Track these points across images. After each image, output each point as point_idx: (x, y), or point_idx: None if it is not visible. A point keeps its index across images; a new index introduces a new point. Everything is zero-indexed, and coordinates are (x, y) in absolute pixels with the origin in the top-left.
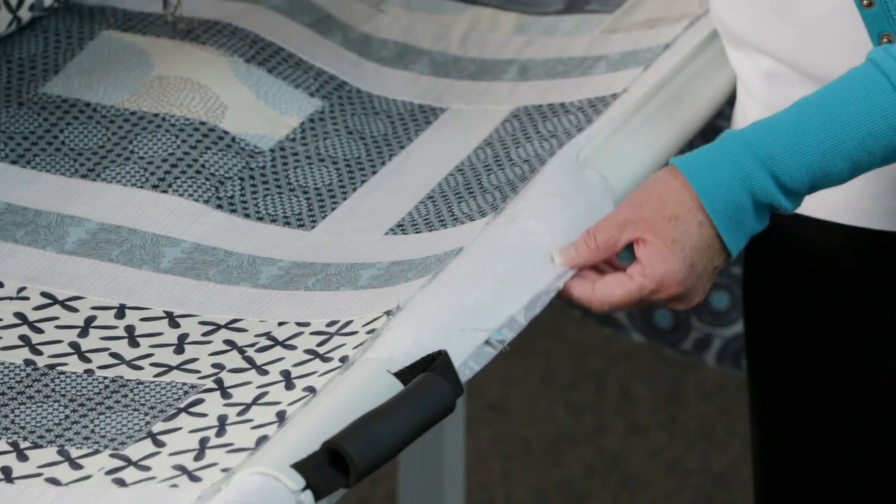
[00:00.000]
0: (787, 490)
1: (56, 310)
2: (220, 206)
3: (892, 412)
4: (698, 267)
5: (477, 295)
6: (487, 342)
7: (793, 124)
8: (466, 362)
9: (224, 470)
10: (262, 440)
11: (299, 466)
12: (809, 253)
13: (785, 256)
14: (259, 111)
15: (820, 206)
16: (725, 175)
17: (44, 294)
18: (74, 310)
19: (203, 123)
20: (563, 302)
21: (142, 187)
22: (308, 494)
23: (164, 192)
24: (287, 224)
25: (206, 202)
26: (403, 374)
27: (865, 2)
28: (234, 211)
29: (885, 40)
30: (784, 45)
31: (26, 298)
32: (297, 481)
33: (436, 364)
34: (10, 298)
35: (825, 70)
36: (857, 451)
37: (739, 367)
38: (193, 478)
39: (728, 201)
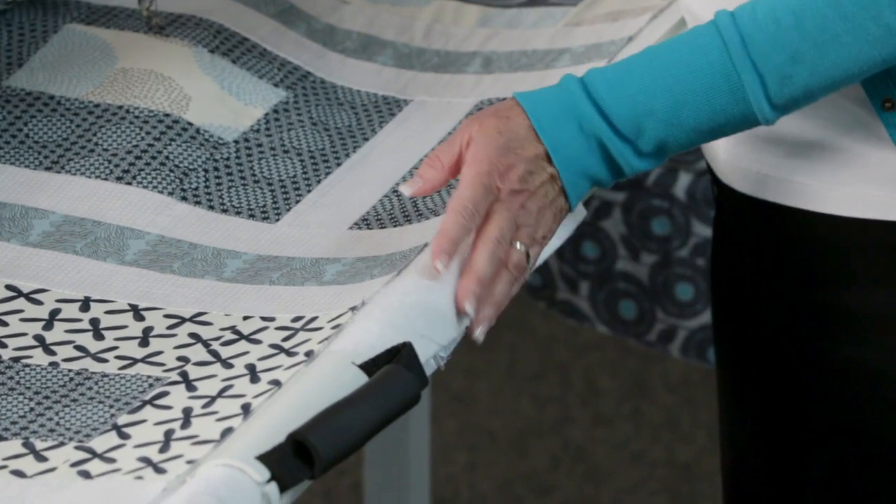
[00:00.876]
0: (755, 478)
1: (21, 302)
2: (184, 198)
3: (853, 397)
4: (523, 154)
5: (438, 298)
6: (434, 356)
7: (622, 63)
8: None
9: (189, 462)
10: (227, 432)
11: (264, 458)
12: (772, 240)
13: (749, 243)
14: (223, 102)
15: (785, 191)
16: (556, 106)
17: (8, 287)
18: (39, 302)
19: (167, 115)
20: (528, 294)
21: (106, 179)
22: (273, 486)
23: (129, 184)
24: (252, 216)
25: (170, 194)
26: (368, 366)
27: None
28: (198, 203)
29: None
30: None
31: None
32: (262, 473)
33: (400, 356)
34: None
35: None
36: (822, 438)
37: (704, 358)
38: (158, 469)
39: (557, 126)
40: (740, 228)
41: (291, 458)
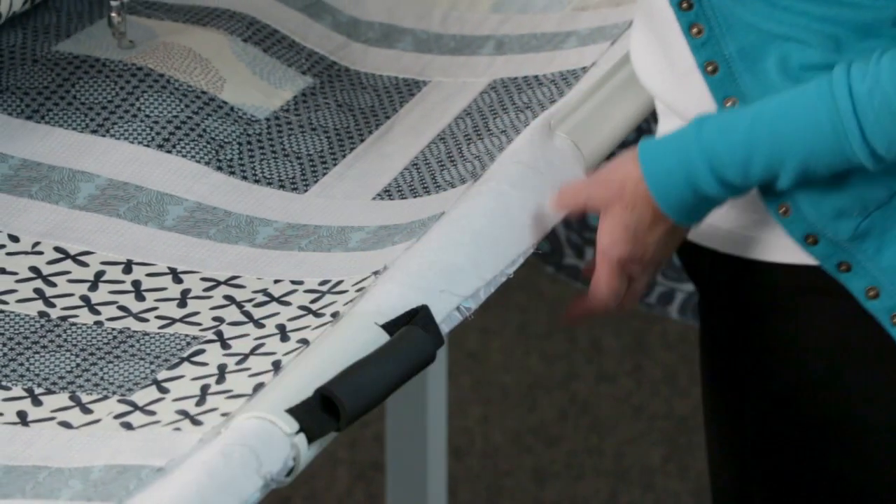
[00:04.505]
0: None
1: (68, 264)
2: (220, 168)
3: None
4: (652, 240)
5: (455, 255)
6: (457, 308)
7: (745, 138)
8: (439, 325)
9: (224, 414)
10: (258, 387)
11: (293, 411)
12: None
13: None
14: (255, 85)
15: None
16: (679, 179)
17: (57, 249)
18: (85, 264)
19: (204, 93)
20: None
21: (147, 146)
22: (301, 437)
23: (169, 152)
24: (282, 187)
25: (206, 164)
26: (389, 326)
27: (709, 68)
28: (232, 173)
29: (728, 104)
30: (663, 89)
31: (40, 253)
32: (292, 425)
33: (418, 317)
34: (26, 253)
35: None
36: (761, 415)
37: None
38: (195, 422)
39: (680, 200)
40: (691, 272)
41: (319, 412)
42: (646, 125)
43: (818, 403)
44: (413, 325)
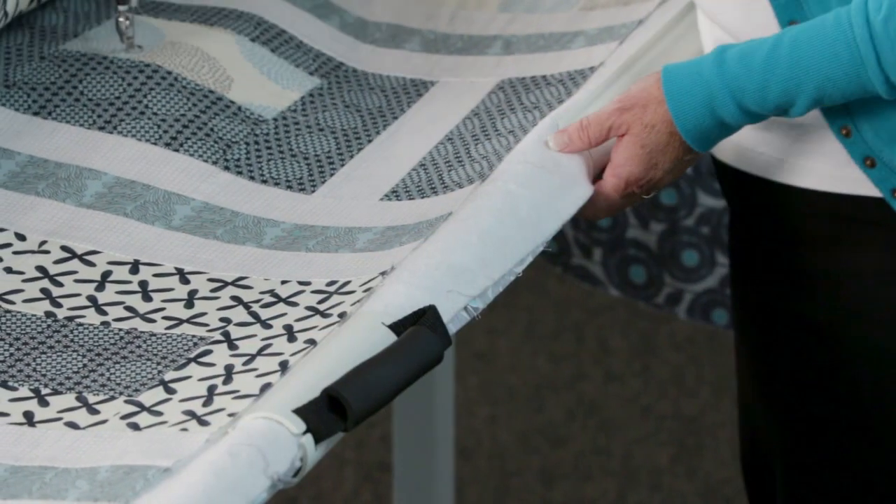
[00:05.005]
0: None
1: (75, 264)
2: (227, 168)
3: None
4: (663, 165)
5: (463, 255)
6: (465, 308)
7: (763, 65)
8: (447, 325)
9: (231, 415)
10: (265, 387)
11: (300, 411)
12: (748, 207)
13: (735, 210)
14: (262, 85)
15: (754, 162)
16: (698, 102)
17: (63, 248)
18: (92, 264)
19: (212, 91)
20: (545, 259)
21: (155, 144)
22: (309, 437)
23: (176, 150)
24: (289, 187)
25: (214, 163)
26: (396, 327)
27: None
28: (240, 173)
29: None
30: (729, 17)
31: (47, 252)
32: (299, 425)
33: (425, 318)
34: (33, 252)
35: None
36: (794, 390)
37: (708, 319)
38: (202, 422)
39: (698, 123)
40: (734, 198)
41: (326, 412)
42: None
43: (854, 334)
44: (420, 325)
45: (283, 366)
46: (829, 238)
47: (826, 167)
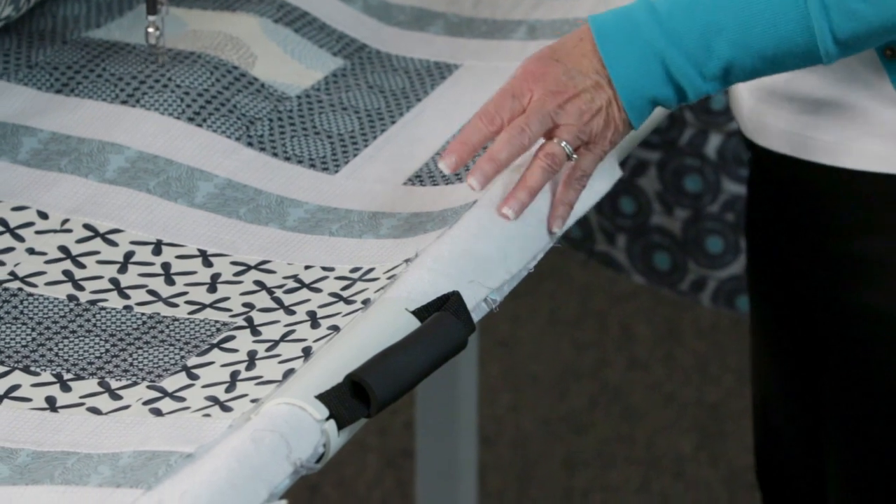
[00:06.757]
0: (779, 412)
1: (97, 243)
2: (250, 144)
3: (868, 340)
4: (566, 63)
5: (486, 245)
6: (485, 299)
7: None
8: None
9: (253, 401)
10: (288, 373)
11: (323, 397)
12: (792, 191)
13: (773, 196)
14: (286, 64)
15: (801, 146)
16: (621, 23)
17: (86, 226)
18: (114, 244)
19: (235, 68)
20: (568, 245)
21: (178, 118)
22: (332, 423)
23: (199, 125)
24: (312, 166)
25: (237, 139)
26: (420, 313)
27: None
28: (263, 149)
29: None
30: None
31: (69, 231)
32: (322, 411)
33: (449, 304)
34: (55, 231)
35: None
36: (837, 381)
37: (732, 306)
38: (225, 408)
39: (621, 50)
40: (766, 182)
41: (349, 398)
42: (678, 111)
43: None
44: (444, 311)
45: (307, 352)
46: (878, 222)
47: (878, 147)
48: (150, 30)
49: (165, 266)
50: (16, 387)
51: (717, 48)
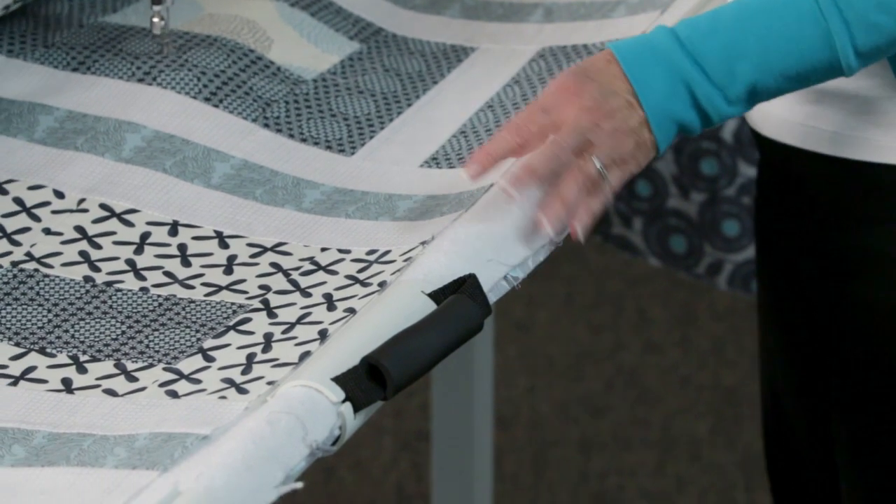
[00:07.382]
0: (787, 405)
1: (113, 223)
2: (266, 125)
3: (876, 333)
4: (601, 82)
5: (503, 226)
6: (505, 277)
7: (712, 13)
8: (487, 294)
9: (269, 383)
10: (304, 356)
11: (339, 380)
12: (802, 183)
13: (782, 187)
14: (302, 48)
15: (814, 139)
16: (645, 49)
17: (102, 206)
18: (131, 224)
19: (251, 51)
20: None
21: (195, 98)
22: (348, 406)
23: (216, 106)
24: (329, 148)
25: (253, 121)
26: (436, 295)
27: None
28: (279, 131)
29: None
30: None
31: (85, 211)
32: (338, 393)
33: (465, 286)
34: (71, 211)
35: None
36: (846, 374)
37: (748, 289)
38: (241, 390)
39: (648, 73)
40: (772, 172)
41: (365, 380)
42: None
43: None
44: (460, 293)
45: (323, 334)
46: (883, 214)
47: (883, 138)
48: (155, 20)
49: (181, 247)
50: (32, 368)
51: (741, 72)
